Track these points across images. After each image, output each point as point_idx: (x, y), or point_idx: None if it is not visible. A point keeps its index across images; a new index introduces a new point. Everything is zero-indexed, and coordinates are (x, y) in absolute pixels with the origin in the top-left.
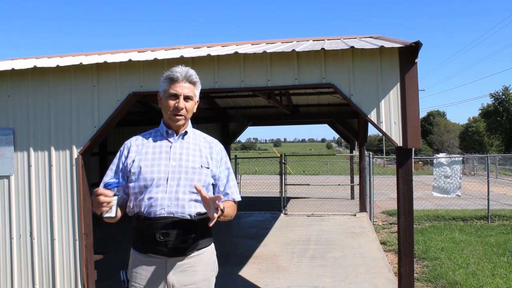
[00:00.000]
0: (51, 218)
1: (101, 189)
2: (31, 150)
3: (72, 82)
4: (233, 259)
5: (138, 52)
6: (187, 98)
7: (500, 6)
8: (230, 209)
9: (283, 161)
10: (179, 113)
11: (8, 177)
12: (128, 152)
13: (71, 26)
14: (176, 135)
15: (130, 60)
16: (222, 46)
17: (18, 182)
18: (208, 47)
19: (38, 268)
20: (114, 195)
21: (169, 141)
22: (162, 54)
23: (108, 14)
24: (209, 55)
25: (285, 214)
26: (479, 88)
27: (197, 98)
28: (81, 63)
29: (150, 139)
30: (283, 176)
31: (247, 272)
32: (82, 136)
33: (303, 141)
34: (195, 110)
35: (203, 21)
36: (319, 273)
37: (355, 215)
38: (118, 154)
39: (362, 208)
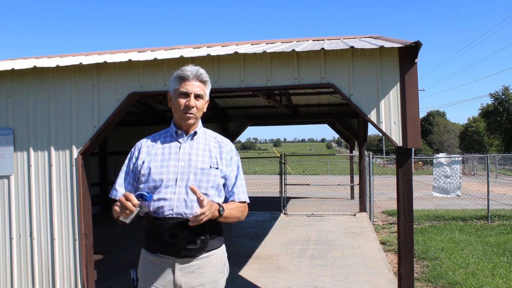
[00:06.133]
0: (51, 218)
1: (131, 195)
2: (31, 150)
3: (72, 82)
4: (233, 259)
5: (138, 52)
6: (197, 96)
7: (500, 6)
8: (234, 210)
9: (283, 161)
10: (189, 112)
11: (8, 177)
12: (139, 154)
13: (71, 26)
14: (186, 136)
15: (130, 60)
16: (222, 46)
17: (18, 182)
18: (208, 47)
19: (38, 268)
20: (139, 206)
21: (178, 141)
22: (162, 54)
23: (108, 14)
24: (209, 55)
25: (285, 214)
26: (479, 88)
27: (207, 97)
28: (81, 63)
29: (160, 140)
30: (283, 176)
31: (247, 272)
32: (82, 136)
33: (303, 141)
34: (205, 110)
35: (203, 21)
36: (319, 273)
37: (355, 215)
38: (129, 155)
39: (362, 208)
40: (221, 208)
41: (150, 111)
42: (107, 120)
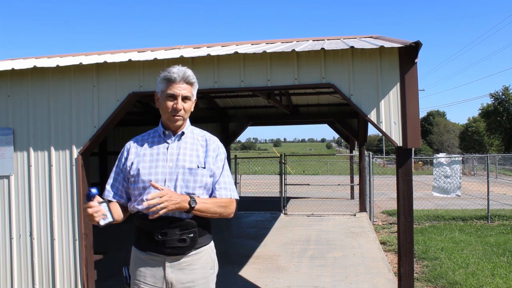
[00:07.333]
0: (51, 218)
1: (87, 203)
2: (31, 150)
3: (72, 82)
4: (233, 259)
5: (138, 52)
6: (185, 98)
7: (500, 6)
8: (211, 205)
9: (283, 161)
10: (177, 114)
11: (8, 177)
12: (128, 155)
13: (71, 26)
14: (173, 136)
15: (130, 60)
16: (222, 46)
17: (18, 182)
18: (208, 47)
19: (38, 268)
20: (101, 202)
21: (166, 142)
22: (162, 54)
23: (108, 14)
24: (209, 55)
25: (285, 214)
26: (479, 88)
27: (194, 98)
28: (81, 63)
29: (149, 140)
30: (283, 176)
31: (247, 272)
32: (82, 136)
33: (303, 141)
34: (192, 109)
35: (203, 21)
36: (319, 273)
37: (355, 215)
38: (119, 156)
39: (362, 208)
40: (191, 200)
41: (150, 111)
42: (107, 120)
